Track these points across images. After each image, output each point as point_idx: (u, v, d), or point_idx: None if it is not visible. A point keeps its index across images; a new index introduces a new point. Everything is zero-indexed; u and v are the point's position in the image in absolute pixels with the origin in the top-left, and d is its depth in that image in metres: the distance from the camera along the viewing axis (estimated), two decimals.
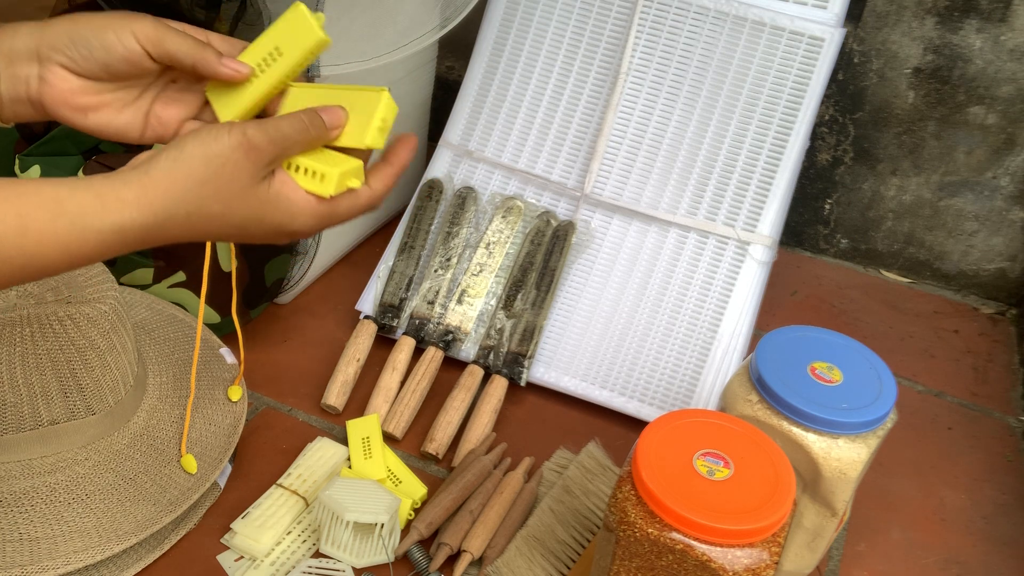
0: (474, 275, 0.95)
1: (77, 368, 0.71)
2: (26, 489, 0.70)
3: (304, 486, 0.78)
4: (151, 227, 0.46)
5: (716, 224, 0.92)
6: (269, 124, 0.48)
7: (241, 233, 0.49)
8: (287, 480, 0.78)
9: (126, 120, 0.54)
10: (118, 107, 0.53)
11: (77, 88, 0.51)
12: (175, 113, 0.55)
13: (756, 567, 0.55)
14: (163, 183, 0.45)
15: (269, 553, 0.73)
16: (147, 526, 0.69)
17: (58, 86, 0.51)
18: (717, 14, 0.93)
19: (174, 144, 0.46)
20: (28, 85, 0.51)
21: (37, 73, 0.51)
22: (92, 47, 0.50)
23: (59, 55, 0.50)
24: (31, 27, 0.51)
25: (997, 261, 1.12)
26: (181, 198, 0.46)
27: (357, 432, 0.83)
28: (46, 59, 0.50)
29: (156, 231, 0.46)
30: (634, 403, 0.89)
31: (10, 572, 0.64)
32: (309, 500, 0.77)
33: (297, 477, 0.79)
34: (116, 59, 0.50)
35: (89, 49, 0.50)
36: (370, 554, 0.73)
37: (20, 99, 0.52)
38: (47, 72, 0.51)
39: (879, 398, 0.65)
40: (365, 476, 0.79)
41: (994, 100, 1.03)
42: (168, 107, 0.55)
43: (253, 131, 0.47)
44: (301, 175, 0.50)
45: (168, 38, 0.51)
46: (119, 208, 0.45)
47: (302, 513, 0.76)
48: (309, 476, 0.79)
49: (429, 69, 1.11)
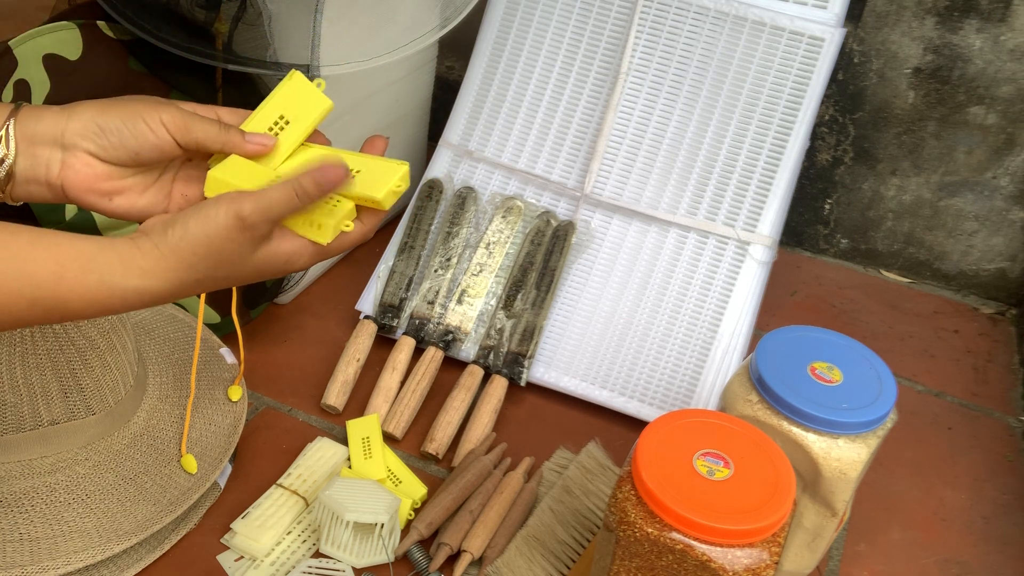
0: (474, 275, 0.95)
1: (77, 368, 0.71)
2: (26, 489, 0.70)
3: (304, 486, 0.78)
4: (166, 293, 0.51)
5: (716, 224, 0.92)
6: (261, 197, 0.50)
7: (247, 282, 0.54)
8: (287, 480, 0.78)
9: (149, 201, 0.56)
10: (140, 190, 0.56)
11: (102, 174, 0.54)
12: (198, 191, 0.57)
13: (756, 567, 0.55)
14: (172, 259, 0.50)
15: (269, 553, 0.73)
16: (147, 526, 0.69)
17: (83, 172, 0.53)
18: (717, 14, 0.93)
19: (180, 220, 0.50)
20: (48, 168, 0.53)
21: (60, 158, 0.53)
22: (123, 136, 0.53)
23: (88, 143, 0.53)
24: (56, 112, 0.53)
25: (997, 261, 1.12)
26: (191, 270, 0.50)
27: (357, 432, 0.83)
28: (72, 146, 0.53)
29: (170, 296, 0.51)
30: (634, 403, 0.89)
31: (10, 572, 0.64)
32: (309, 500, 0.77)
33: (297, 477, 0.79)
34: (147, 147, 0.53)
35: (120, 138, 0.53)
36: (370, 554, 0.73)
37: (37, 180, 0.54)
38: (72, 158, 0.53)
39: (879, 398, 0.65)
40: (365, 476, 0.79)
41: (994, 100, 1.03)
42: (191, 185, 0.57)
43: (248, 209, 0.50)
44: (298, 224, 0.53)
45: (195, 127, 0.54)
46: (139, 274, 0.49)
47: (302, 513, 0.76)
48: (309, 476, 0.79)
49: (429, 69, 1.11)
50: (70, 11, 0.91)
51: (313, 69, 0.84)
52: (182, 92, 0.92)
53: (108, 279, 0.49)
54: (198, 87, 0.92)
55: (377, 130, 1.06)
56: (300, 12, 0.86)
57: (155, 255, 0.50)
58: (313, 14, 0.85)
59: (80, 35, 0.88)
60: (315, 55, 0.85)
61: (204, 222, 0.50)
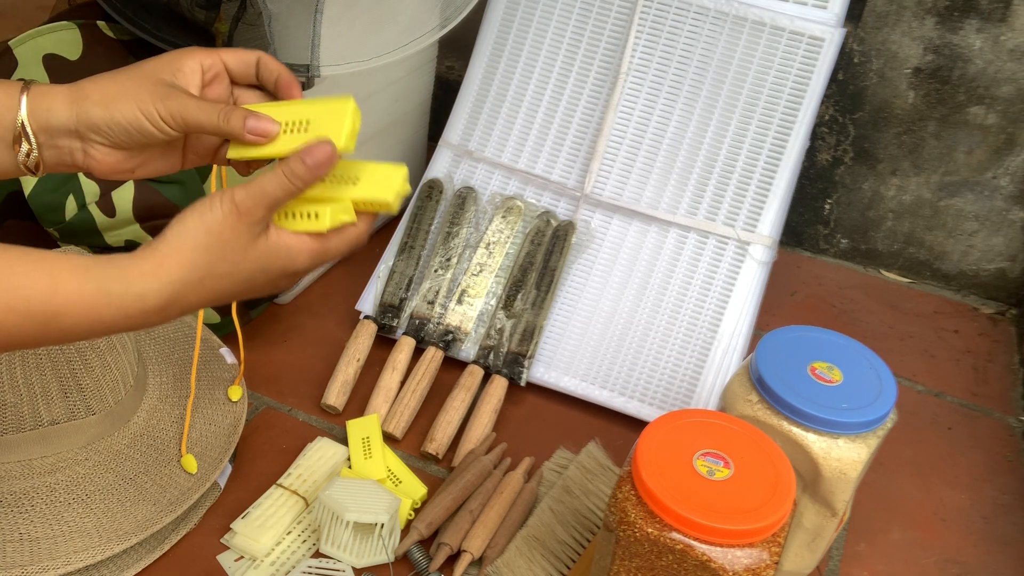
0: (474, 275, 0.95)
1: (77, 368, 0.71)
2: (26, 489, 0.70)
3: (304, 486, 0.78)
4: (169, 295, 0.50)
5: (716, 224, 0.92)
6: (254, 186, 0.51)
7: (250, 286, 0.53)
8: (287, 480, 0.78)
9: (169, 162, 0.59)
10: (158, 155, 0.58)
11: (122, 158, 0.56)
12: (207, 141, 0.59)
13: (756, 567, 0.55)
14: (174, 255, 0.49)
15: (269, 553, 0.73)
16: (147, 526, 0.69)
17: (104, 160, 0.55)
18: (717, 14, 0.93)
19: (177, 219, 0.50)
20: (73, 156, 0.55)
21: (80, 147, 0.55)
22: (131, 133, 0.54)
23: (100, 137, 0.54)
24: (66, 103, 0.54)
25: (997, 261, 1.12)
26: (192, 265, 0.50)
27: (357, 432, 0.83)
28: (87, 139, 0.54)
29: (173, 298, 0.50)
30: (634, 403, 0.89)
31: (10, 572, 0.64)
32: (309, 500, 0.77)
33: (297, 477, 0.79)
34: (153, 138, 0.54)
35: (128, 136, 0.54)
36: (370, 554, 0.73)
37: (65, 164, 0.56)
38: (91, 148, 0.55)
39: (879, 398, 0.65)
40: (365, 476, 0.79)
41: (994, 100, 1.03)
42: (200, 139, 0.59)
43: (241, 196, 0.50)
44: (296, 220, 0.53)
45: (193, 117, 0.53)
46: (139, 279, 0.48)
47: (302, 513, 0.76)
48: (309, 476, 0.79)
49: (429, 69, 1.11)
50: (70, 11, 0.91)
51: (313, 69, 0.84)
52: None
53: (106, 286, 0.48)
54: None
55: (377, 130, 1.06)
56: (300, 12, 0.86)
57: (154, 257, 0.49)
58: (313, 14, 0.85)
59: (80, 35, 0.88)
60: (315, 55, 0.85)
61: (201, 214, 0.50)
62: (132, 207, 0.88)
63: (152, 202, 0.89)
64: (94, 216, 0.86)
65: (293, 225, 0.53)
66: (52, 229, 0.87)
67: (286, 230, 0.53)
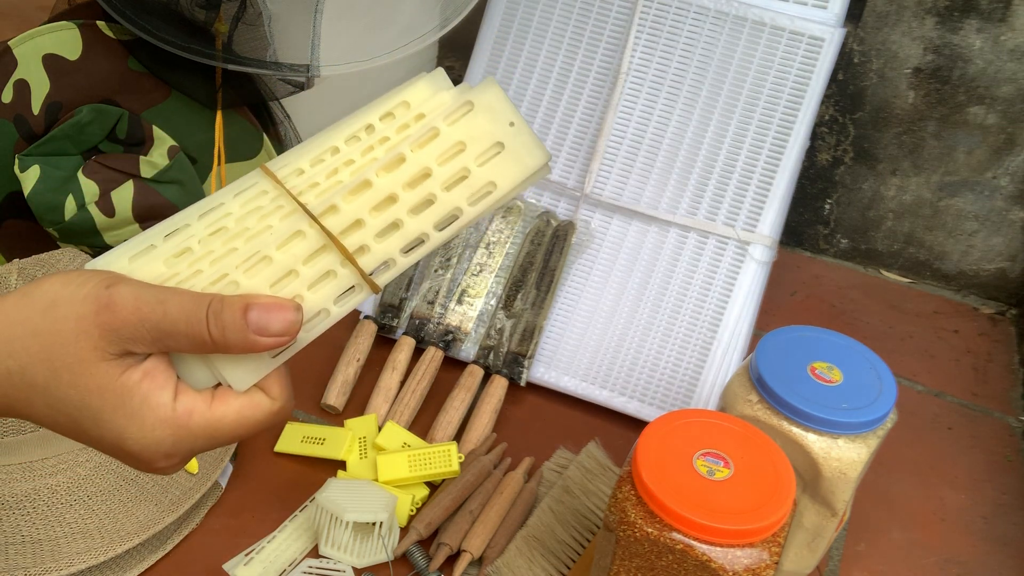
0: (474, 275, 0.95)
1: None
2: (28, 491, 0.70)
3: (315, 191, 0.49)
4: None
5: (716, 224, 0.92)
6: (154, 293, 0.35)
7: (74, 428, 0.36)
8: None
9: None
10: None
11: None
12: None
13: (756, 567, 0.55)
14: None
15: (263, 549, 0.73)
16: (149, 526, 0.70)
17: None
18: (717, 14, 0.93)
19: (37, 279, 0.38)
20: None
21: None
22: None
23: None
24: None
25: (997, 261, 1.12)
26: (7, 346, 0.35)
27: (355, 432, 0.83)
28: None
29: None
30: (634, 403, 0.89)
31: (13, 575, 0.64)
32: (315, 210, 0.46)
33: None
34: None
35: None
36: (370, 554, 0.73)
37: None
38: None
39: (879, 398, 0.65)
40: (360, 477, 0.79)
41: (994, 100, 1.03)
42: None
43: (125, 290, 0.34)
44: None
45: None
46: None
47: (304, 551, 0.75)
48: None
49: (429, 69, 1.11)
50: (70, 11, 0.91)
51: (313, 69, 0.84)
52: (182, 92, 0.92)
53: None
54: (198, 87, 0.92)
55: None
56: (300, 12, 0.86)
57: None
58: (313, 14, 0.85)
59: (80, 35, 0.88)
60: (315, 55, 0.86)
61: (59, 284, 0.35)
62: (131, 207, 0.88)
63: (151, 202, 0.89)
64: (93, 216, 0.86)
65: None
66: (51, 229, 0.87)
67: (165, 377, 0.36)
